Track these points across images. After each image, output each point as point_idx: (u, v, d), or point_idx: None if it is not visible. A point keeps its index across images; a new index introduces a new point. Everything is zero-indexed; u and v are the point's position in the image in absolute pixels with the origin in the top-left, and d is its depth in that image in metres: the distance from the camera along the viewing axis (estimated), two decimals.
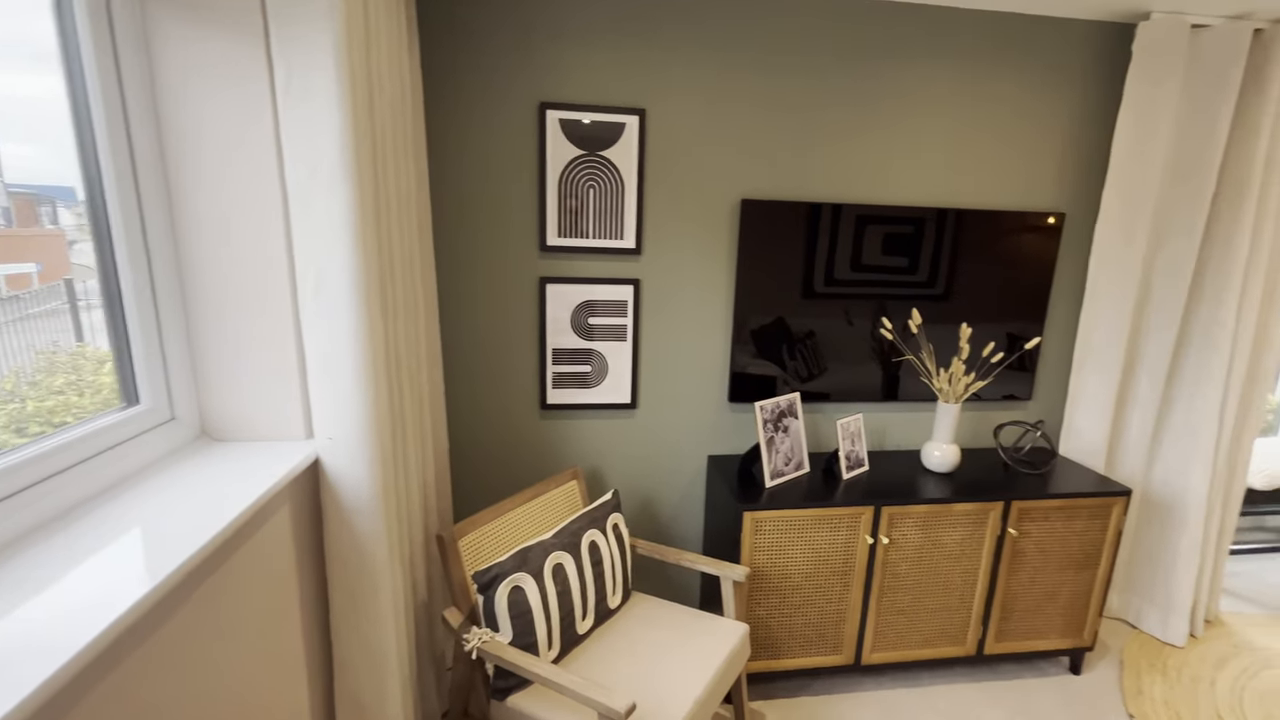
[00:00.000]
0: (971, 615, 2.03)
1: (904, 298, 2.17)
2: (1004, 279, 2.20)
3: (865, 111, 2.04)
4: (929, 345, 2.21)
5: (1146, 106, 2.03)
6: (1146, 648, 2.29)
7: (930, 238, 2.13)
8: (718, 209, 2.05)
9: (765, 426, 1.96)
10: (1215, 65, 1.99)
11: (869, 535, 1.90)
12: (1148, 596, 2.38)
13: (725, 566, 1.79)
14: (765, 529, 1.86)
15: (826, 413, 2.27)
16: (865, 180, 2.10)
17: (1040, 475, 2.08)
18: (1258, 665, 2.22)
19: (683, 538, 2.31)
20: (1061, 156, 2.17)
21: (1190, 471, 2.22)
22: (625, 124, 1.94)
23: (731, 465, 2.12)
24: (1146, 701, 2.03)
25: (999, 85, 2.08)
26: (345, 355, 1.24)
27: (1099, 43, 2.09)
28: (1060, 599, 2.06)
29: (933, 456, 2.08)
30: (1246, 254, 2.07)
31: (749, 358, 2.13)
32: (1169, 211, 2.13)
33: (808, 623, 1.96)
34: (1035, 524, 1.98)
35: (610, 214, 1.99)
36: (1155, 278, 2.19)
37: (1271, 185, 2.05)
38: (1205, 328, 2.16)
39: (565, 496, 1.92)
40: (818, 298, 2.12)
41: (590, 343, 2.07)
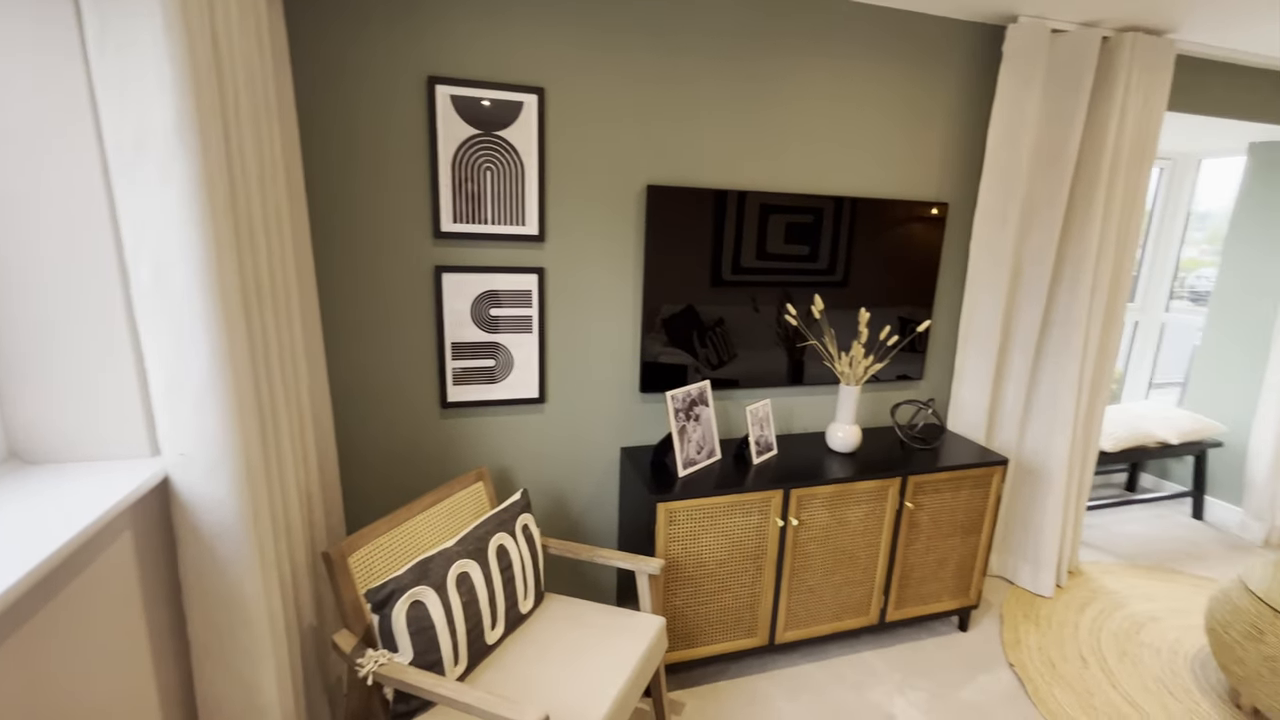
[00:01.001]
0: (874, 587, 2.13)
1: (807, 284, 2.22)
2: (896, 265, 2.31)
3: (765, 100, 2.05)
4: (831, 330, 2.28)
5: (1016, 104, 2.19)
6: (1022, 601, 2.52)
7: (829, 226, 2.19)
8: (624, 195, 1.99)
9: (677, 416, 1.94)
10: (1071, 67, 2.17)
11: (779, 518, 1.94)
12: (1021, 554, 2.61)
13: (640, 560, 1.75)
14: (679, 519, 1.84)
15: (736, 399, 2.30)
16: (768, 168, 2.12)
17: (932, 450, 2.21)
18: (1111, 607, 2.50)
19: (597, 533, 2.26)
20: (944, 149, 2.30)
21: (1054, 438, 2.45)
22: (523, 103, 1.83)
23: (644, 456, 2.09)
24: (1023, 650, 2.23)
25: (888, 79, 2.16)
26: (195, 356, 1.07)
27: (975, 42, 2.23)
28: (950, 564, 2.21)
29: (836, 437, 2.16)
30: (1097, 241, 2.29)
31: (660, 346, 2.11)
32: (1035, 203, 2.32)
33: (723, 608, 1.97)
34: (928, 496, 2.10)
35: (510, 199, 1.88)
36: (1025, 263, 2.38)
37: (1117, 179, 2.28)
38: (1065, 308, 2.38)
39: (471, 500, 1.81)
40: (726, 285, 2.13)
41: (493, 335, 1.96)
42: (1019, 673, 2.11)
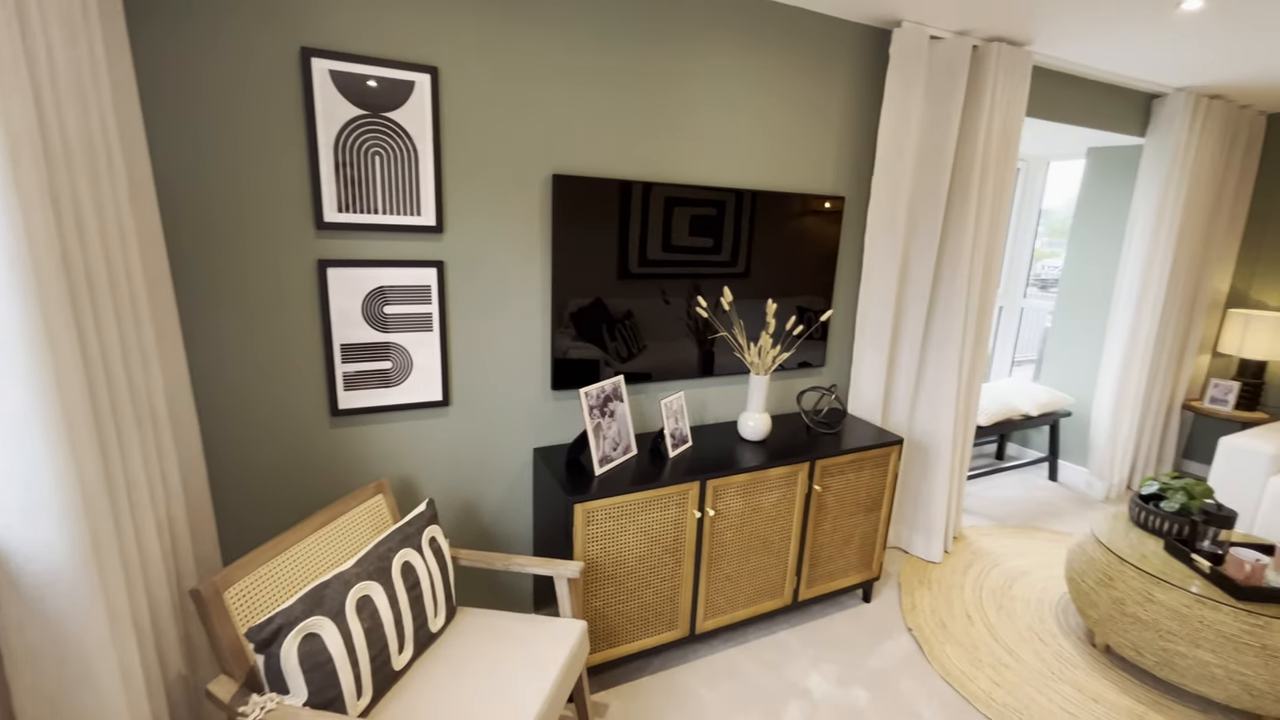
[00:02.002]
0: (787, 569, 2.20)
1: (713, 276, 2.24)
2: (796, 257, 2.39)
3: (669, 92, 2.03)
4: (740, 321, 2.32)
5: (902, 105, 2.32)
6: (916, 568, 2.71)
7: (731, 218, 2.21)
8: (529, 185, 1.90)
9: (591, 413, 1.89)
10: (948, 73, 2.34)
11: (697, 509, 1.95)
12: (914, 525, 2.82)
13: (557, 565, 1.69)
14: (597, 519, 1.80)
15: (649, 393, 2.28)
16: (672, 160, 2.10)
17: (836, 434, 2.32)
18: (989, 566, 2.76)
19: (511, 539, 2.16)
20: (840, 145, 2.40)
21: (940, 417, 2.66)
22: (415, 83, 1.69)
23: (559, 456, 2.02)
24: (919, 614, 2.40)
25: (787, 75, 2.21)
26: (9, 379, 0.87)
27: (866, 44, 2.33)
28: (855, 541, 2.33)
29: (748, 426, 2.20)
30: (972, 235, 2.50)
31: (569, 341, 2.04)
32: (920, 199, 2.49)
33: (644, 604, 1.96)
34: (834, 478, 2.20)
35: (403, 187, 1.73)
36: (912, 256, 2.55)
37: (988, 179, 2.49)
38: (947, 297, 2.57)
39: (369, 515, 1.66)
40: (633, 278, 2.10)
41: (389, 335, 1.80)
42: (916, 636, 2.27)
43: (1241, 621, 1.81)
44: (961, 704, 1.96)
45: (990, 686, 2.03)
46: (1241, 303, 3.63)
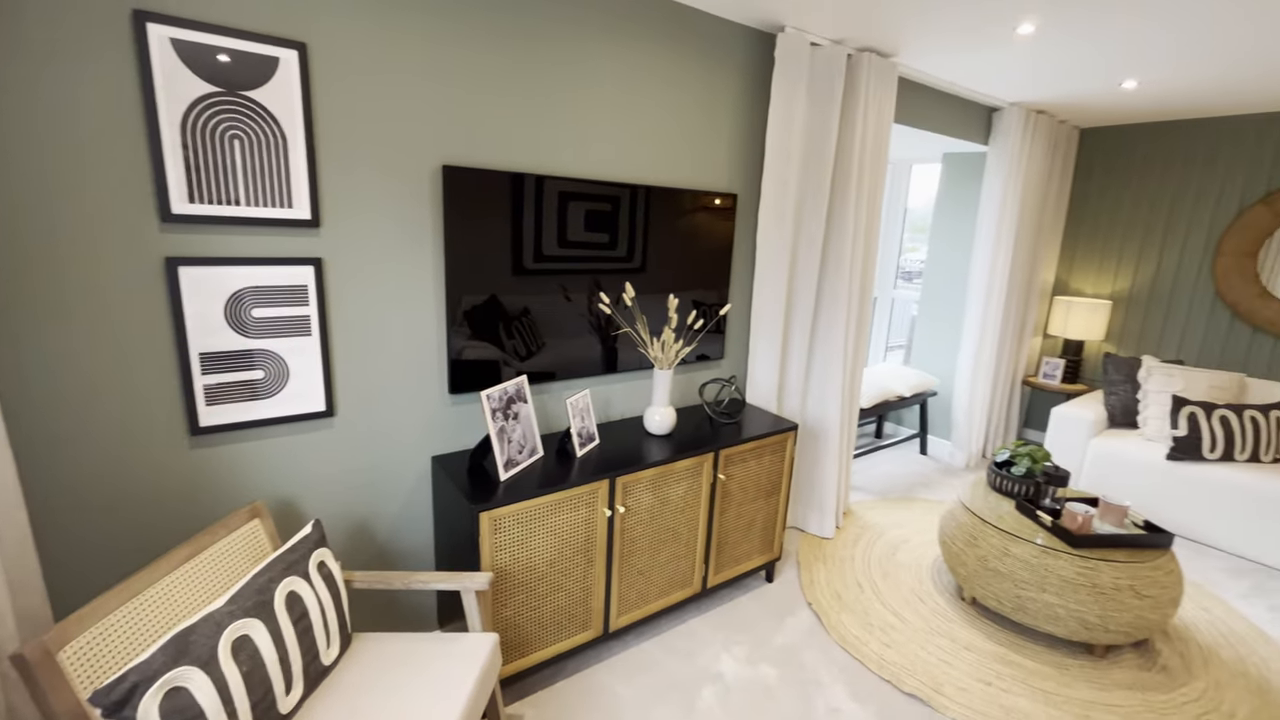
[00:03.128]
0: (696, 558, 2.25)
1: (611, 272, 2.23)
2: (693, 252, 2.44)
3: (563, 84, 1.99)
4: (642, 317, 2.33)
5: (787, 107, 2.43)
6: (812, 545, 2.89)
7: (626, 214, 2.21)
8: (417, 176, 1.78)
9: (494, 416, 1.81)
10: (827, 78, 2.49)
11: (607, 508, 1.93)
12: (809, 504, 2.99)
13: (464, 578, 1.61)
14: (505, 525, 1.73)
15: (554, 391, 2.23)
16: (565, 154, 2.06)
17: (736, 424, 2.40)
18: (875, 537, 3.00)
19: (411, 554, 2.03)
20: (732, 143, 2.48)
21: (828, 401, 2.84)
22: (279, 60, 1.52)
23: (460, 463, 1.92)
24: (817, 588, 2.56)
25: (680, 73, 2.24)
26: None
27: (754, 46, 2.42)
28: (757, 525, 2.44)
29: (654, 421, 2.22)
30: (852, 231, 2.68)
31: (465, 341, 1.94)
32: (805, 197, 2.63)
33: (557, 608, 1.91)
34: (737, 466, 2.28)
35: (270, 175, 1.55)
36: (800, 251, 2.69)
37: (864, 179, 2.68)
38: (831, 290, 2.75)
39: (244, 544, 1.48)
40: (529, 274, 2.03)
41: (259, 341, 1.61)
42: (816, 609, 2.42)
43: (1076, 566, 2.10)
44: (858, 668, 2.11)
45: (881, 648, 2.21)
46: (1064, 291, 4.21)
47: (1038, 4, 2.02)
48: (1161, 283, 3.76)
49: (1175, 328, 3.73)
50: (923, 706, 1.96)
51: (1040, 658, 2.18)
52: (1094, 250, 4.03)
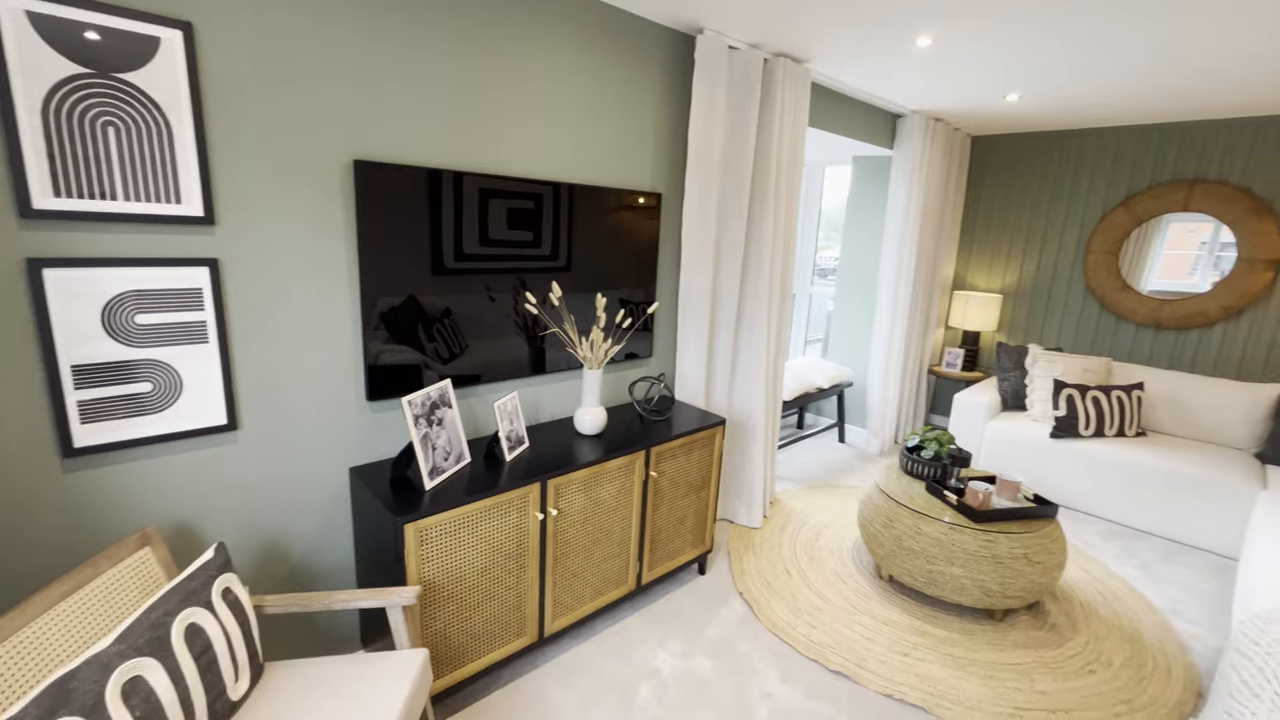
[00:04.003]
0: (630, 556, 2.26)
1: (536, 271, 2.19)
2: (619, 251, 2.44)
3: (483, 79, 1.93)
4: (570, 316, 2.30)
5: (708, 108, 2.48)
6: (742, 536, 2.97)
7: (549, 212, 2.18)
8: (327, 171, 1.67)
9: (417, 423, 1.74)
10: (745, 81, 2.55)
11: (538, 511, 1.90)
12: (738, 496, 3.08)
13: (388, 594, 1.53)
14: (432, 536, 1.66)
15: (480, 395, 2.17)
16: (486, 151, 2.01)
17: (667, 420, 2.43)
18: (799, 524, 3.12)
19: (330, 573, 1.91)
20: (655, 143, 2.50)
21: (754, 395, 2.93)
22: (161, 40, 1.38)
23: (381, 474, 1.83)
24: (747, 577, 2.63)
25: (603, 72, 2.23)
26: None
27: (675, 47, 2.45)
28: (689, 519, 2.48)
29: (584, 421, 2.20)
30: (771, 229, 2.77)
31: (383, 345, 1.85)
32: (728, 196, 2.69)
33: (489, 617, 1.86)
34: (668, 463, 2.30)
35: (154, 168, 1.41)
36: (723, 250, 2.76)
37: (782, 180, 2.78)
38: (754, 287, 2.83)
39: (133, 575, 1.34)
40: (450, 273, 1.97)
41: (145, 351, 1.46)
42: (747, 598, 2.49)
43: (979, 540, 2.28)
44: (788, 651, 2.19)
45: (809, 630, 2.30)
46: (962, 285, 4.56)
47: (933, 20, 2.16)
48: (1043, 277, 4.15)
49: (1055, 318, 4.13)
50: (848, 682, 2.06)
51: (950, 626, 2.36)
52: (987, 248, 4.38)
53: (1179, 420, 3.48)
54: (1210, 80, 2.69)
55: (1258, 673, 1.61)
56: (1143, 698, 2.04)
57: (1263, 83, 2.69)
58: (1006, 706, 1.97)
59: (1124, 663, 2.20)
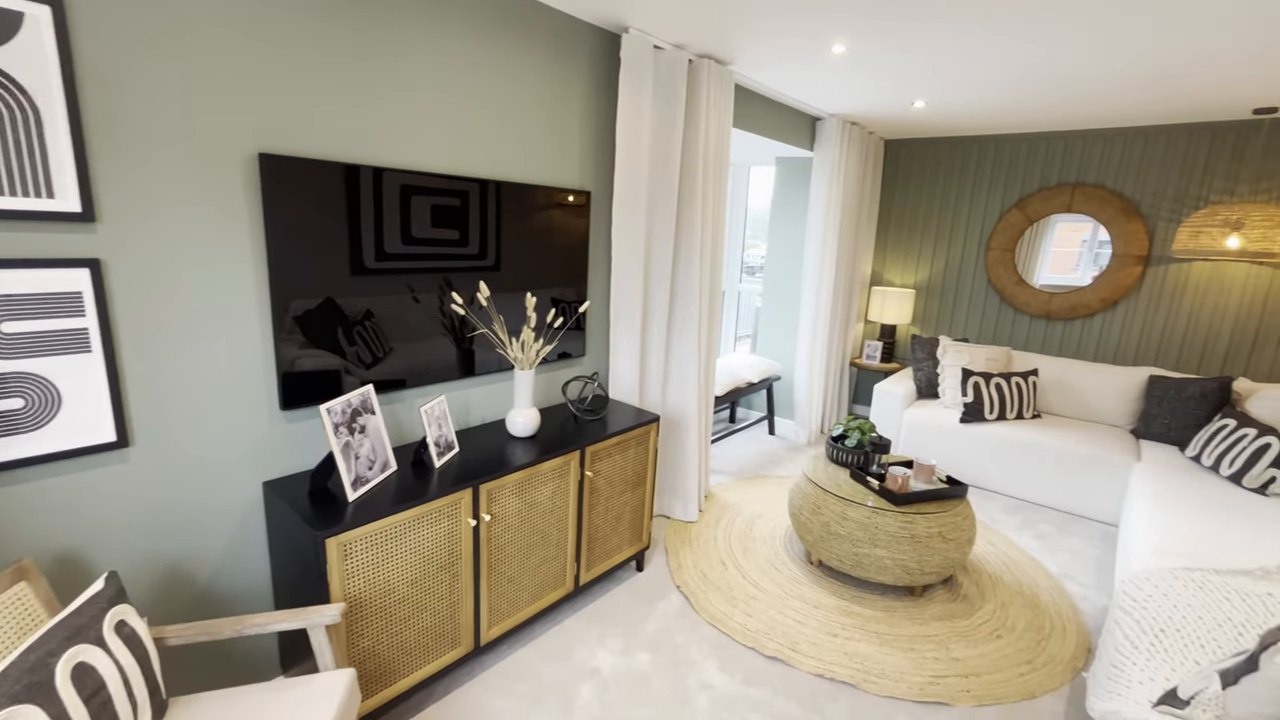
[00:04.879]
0: (567, 557, 2.24)
1: (463, 270, 2.13)
2: (549, 249, 2.41)
3: (404, 70, 1.85)
4: (499, 316, 2.25)
5: (635, 107, 2.49)
6: (679, 531, 3.01)
7: (476, 210, 2.13)
8: (228, 164, 1.55)
9: (338, 431, 1.65)
10: (670, 81, 2.58)
11: (471, 518, 1.85)
12: (674, 492, 3.12)
13: (309, 613, 1.44)
14: (357, 550, 1.58)
15: (406, 400, 2.08)
16: (407, 146, 1.93)
17: (601, 420, 2.42)
18: (733, 516, 3.20)
19: (243, 595, 1.78)
20: (583, 140, 2.48)
21: (687, 391, 2.97)
22: (25, 15, 1.24)
23: (299, 486, 1.72)
24: (685, 571, 2.67)
25: (530, 68, 2.19)
26: None
27: (602, 45, 2.44)
28: (626, 517, 2.48)
29: (517, 423, 2.16)
30: (700, 228, 2.82)
31: (298, 350, 1.74)
32: (657, 195, 2.71)
33: (422, 629, 1.80)
34: (603, 462, 2.30)
35: (18, 158, 1.26)
36: (653, 248, 2.78)
37: (709, 179, 2.83)
38: (684, 285, 2.87)
39: (7, 614, 1.20)
40: (371, 274, 1.88)
41: (13, 362, 1.31)
42: (684, 591, 2.52)
43: (899, 522, 2.42)
44: (725, 641, 2.25)
45: (744, 619, 2.36)
46: (879, 282, 4.81)
47: (847, 28, 2.27)
48: (950, 273, 4.44)
49: (962, 311, 4.43)
50: (783, 666, 2.13)
51: (874, 605, 2.49)
52: (900, 246, 4.65)
53: (1067, 402, 3.82)
54: (1070, 93, 2.96)
55: (1135, 626, 1.79)
56: (1042, 657, 2.23)
57: (1125, 98, 2.99)
58: (925, 675, 2.10)
59: (1026, 626, 2.39)
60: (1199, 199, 3.51)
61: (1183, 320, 3.64)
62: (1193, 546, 2.23)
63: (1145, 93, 2.90)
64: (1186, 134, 3.50)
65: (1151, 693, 1.51)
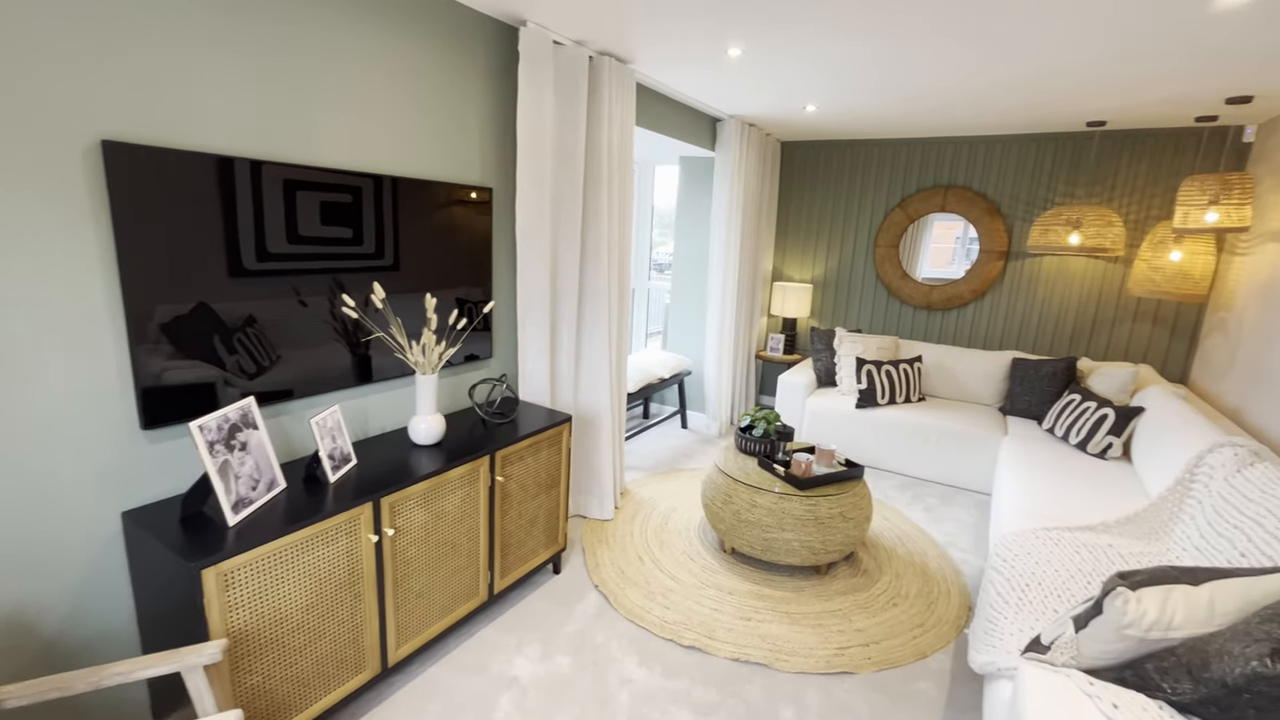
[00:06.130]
0: (480, 566, 2.17)
1: (358, 271, 2.01)
2: (450, 248, 2.32)
3: (289, 55, 1.70)
4: (397, 319, 2.14)
5: (535, 103, 2.44)
6: (595, 530, 3.00)
7: (371, 207, 2.01)
8: (62, 152, 1.35)
9: (213, 450, 1.49)
10: (572, 78, 2.56)
11: (372, 533, 1.74)
12: (589, 491, 3.10)
13: (184, 655, 1.30)
14: (240, 578, 1.44)
15: (294, 411, 1.93)
16: (291, 137, 1.78)
17: (512, 422, 2.36)
18: (649, 511, 3.24)
19: (102, 640, 1.57)
20: (483, 136, 2.40)
21: (599, 390, 2.97)
22: None
23: (168, 514, 1.55)
24: (602, 570, 2.67)
25: (427, 56, 2.09)
26: None
27: (499, 38, 2.36)
28: (540, 520, 2.44)
29: (420, 430, 2.06)
30: (606, 226, 2.82)
31: (166, 361, 1.57)
32: (562, 193, 2.68)
33: (321, 657, 1.67)
34: (514, 466, 2.24)
35: None
36: (560, 246, 2.74)
37: (614, 177, 2.83)
38: (593, 283, 2.86)
39: None
40: (252, 276, 1.72)
41: None
42: (603, 590, 2.52)
43: (804, 506, 2.55)
44: (645, 635, 2.27)
45: (663, 612, 2.40)
46: (780, 277, 5.04)
47: (740, 33, 2.34)
48: (844, 269, 4.73)
49: (855, 303, 4.74)
50: (700, 654, 2.18)
51: (784, 586, 2.60)
52: (798, 243, 4.89)
53: (947, 385, 4.19)
54: (933, 101, 3.25)
55: (1006, 583, 1.99)
56: (932, 619, 2.43)
57: (984, 110, 3.32)
58: (832, 648, 2.23)
59: (918, 593, 2.60)
60: (1046, 200, 3.96)
61: (1037, 308, 4.09)
62: (1050, 508, 2.52)
63: (1000, 104, 3.23)
64: (1035, 143, 3.93)
65: (1020, 642, 1.69)
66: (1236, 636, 1.23)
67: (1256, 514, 1.82)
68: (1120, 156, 3.71)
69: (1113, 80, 2.67)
